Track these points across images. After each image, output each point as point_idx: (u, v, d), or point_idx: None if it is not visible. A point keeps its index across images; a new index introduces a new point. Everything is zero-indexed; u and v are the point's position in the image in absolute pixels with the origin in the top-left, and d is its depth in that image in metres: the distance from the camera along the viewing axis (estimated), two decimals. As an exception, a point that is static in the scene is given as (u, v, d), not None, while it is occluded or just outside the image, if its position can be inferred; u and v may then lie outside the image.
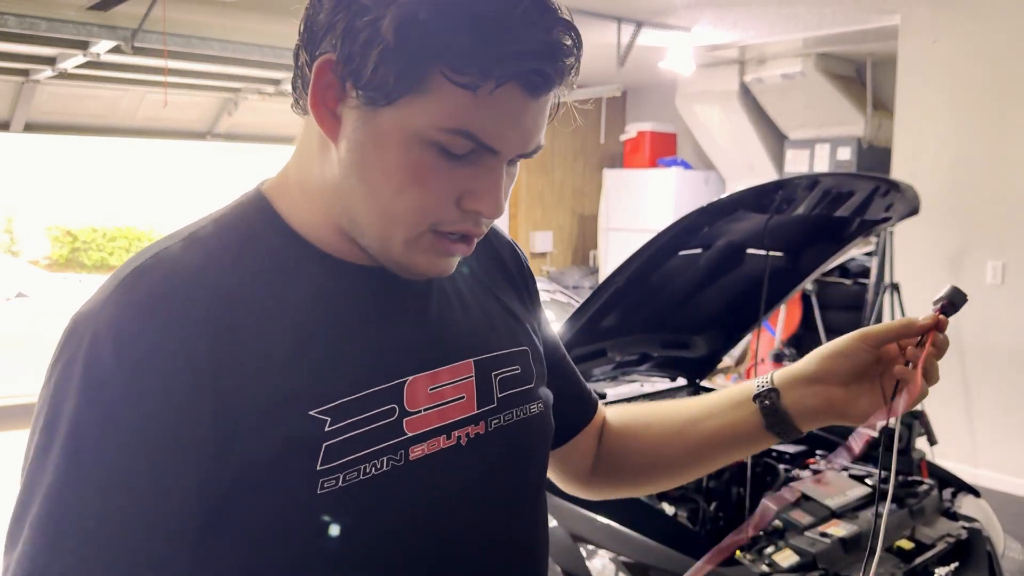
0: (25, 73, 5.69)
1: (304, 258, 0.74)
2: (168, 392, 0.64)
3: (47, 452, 0.64)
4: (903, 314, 4.61)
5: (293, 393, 0.68)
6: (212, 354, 0.65)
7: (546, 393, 0.89)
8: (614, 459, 1.01)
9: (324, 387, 0.69)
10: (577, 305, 2.32)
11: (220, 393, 0.65)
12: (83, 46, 4.73)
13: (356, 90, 0.67)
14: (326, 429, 0.68)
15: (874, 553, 0.79)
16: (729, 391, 0.94)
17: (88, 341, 0.64)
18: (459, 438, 0.77)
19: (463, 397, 0.78)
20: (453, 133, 0.66)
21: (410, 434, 0.73)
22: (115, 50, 4.67)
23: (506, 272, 0.92)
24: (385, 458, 0.71)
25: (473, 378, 0.80)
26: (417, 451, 0.73)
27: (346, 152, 0.70)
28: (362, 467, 0.69)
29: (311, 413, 0.68)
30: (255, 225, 0.74)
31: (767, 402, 0.88)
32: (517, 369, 0.85)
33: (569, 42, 0.67)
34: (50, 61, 5.28)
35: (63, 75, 5.47)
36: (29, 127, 6.48)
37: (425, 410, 0.75)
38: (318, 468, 0.67)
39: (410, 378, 0.75)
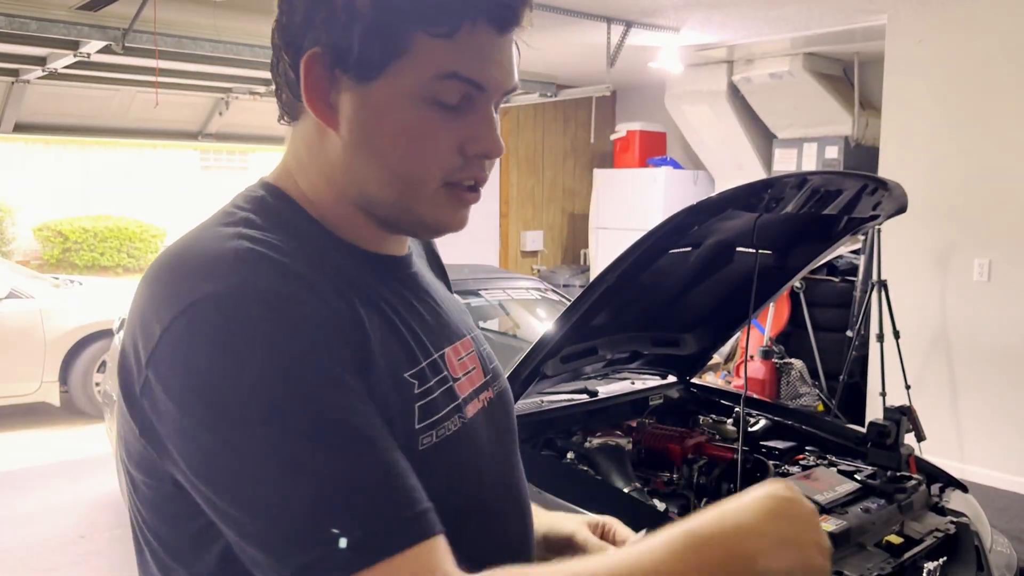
0: (15, 73, 5.66)
1: (334, 248, 0.78)
2: (329, 343, 0.67)
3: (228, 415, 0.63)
4: (891, 311, 4.64)
5: (388, 361, 0.74)
6: (350, 316, 0.71)
7: None
8: None
9: (405, 355, 0.76)
10: (568, 304, 2.33)
11: (356, 351, 0.70)
12: (73, 46, 4.71)
13: (346, 73, 0.72)
14: (415, 391, 0.76)
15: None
16: None
17: (239, 310, 0.65)
18: (484, 401, 0.87)
19: (475, 368, 0.88)
20: (442, 79, 0.72)
21: (461, 396, 0.82)
22: (105, 50, 4.65)
23: (439, 268, 1.01)
24: (456, 416, 0.80)
25: (475, 351, 0.90)
26: (469, 411, 0.83)
27: (348, 133, 0.74)
28: (445, 424, 0.78)
29: (405, 376, 0.75)
30: (291, 219, 0.77)
31: None
32: (486, 347, 0.95)
33: None
34: (40, 61, 5.26)
35: (53, 75, 5.45)
36: (19, 127, 6.44)
37: (462, 376, 0.84)
38: (416, 427, 0.74)
39: (446, 350, 0.84)
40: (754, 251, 2.31)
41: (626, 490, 2.31)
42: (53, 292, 6.05)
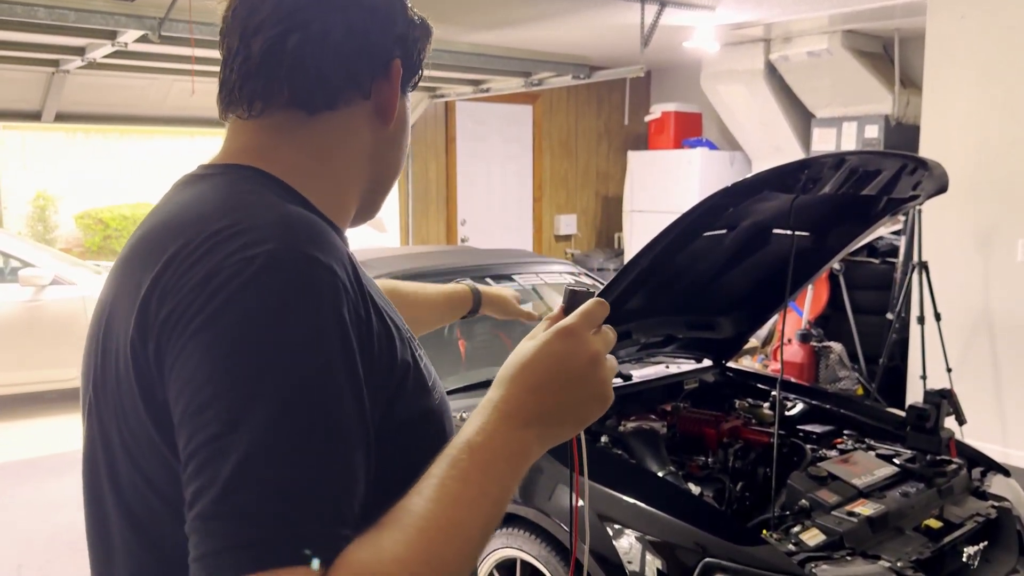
0: (55, 63, 5.75)
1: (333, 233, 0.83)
2: (359, 316, 0.74)
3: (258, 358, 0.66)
4: (932, 294, 4.57)
5: (399, 329, 0.81)
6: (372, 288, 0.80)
7: None
8: None
9: (395, 340, 0.80)
10: (601, 287, 2.33)
11: (376, 323, 0.77)
12: (111, 36, 4.78)
13: (403, 82, 0.89)
14: (418, 353, 0.85)
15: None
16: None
17: (289, 266, 0.69)
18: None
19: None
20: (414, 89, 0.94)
21: (425, 360, 0.88)
22: (142, 39, 4.71)
23: None
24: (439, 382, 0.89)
25: None
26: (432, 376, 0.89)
27: (395, 127, 0.90)
28: (438, 386, 0.87)
29: (402, 358, 0.81)
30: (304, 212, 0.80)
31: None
32: None
33: None
34: (79, 51, 5.34)
35: (92, 65, 5.53)
36: (60, 117, 6.55)
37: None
38: (429, 384, 0.84)
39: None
40: (791, 233, 2.29)
41: (661, 474, 2.31)
42: (95, 279, 6.17)
